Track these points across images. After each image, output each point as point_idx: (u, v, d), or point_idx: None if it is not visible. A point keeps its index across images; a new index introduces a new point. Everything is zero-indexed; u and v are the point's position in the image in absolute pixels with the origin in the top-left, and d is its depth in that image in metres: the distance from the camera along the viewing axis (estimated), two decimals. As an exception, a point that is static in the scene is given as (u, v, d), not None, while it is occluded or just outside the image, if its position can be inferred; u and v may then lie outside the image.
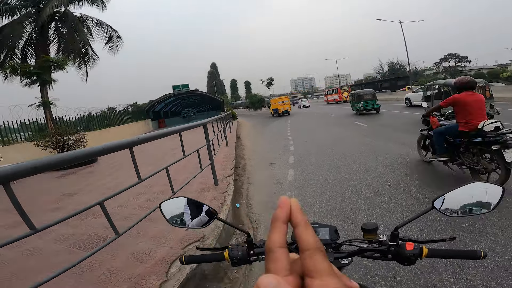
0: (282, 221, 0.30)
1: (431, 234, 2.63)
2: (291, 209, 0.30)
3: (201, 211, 0.76)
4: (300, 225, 0.29)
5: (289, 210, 0.30)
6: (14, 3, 14.33)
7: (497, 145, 3.26)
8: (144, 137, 2.35)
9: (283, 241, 0.29)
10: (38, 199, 4.79)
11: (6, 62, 14.35)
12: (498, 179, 3.38)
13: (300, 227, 0.29)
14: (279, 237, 0.29)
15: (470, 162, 3.74)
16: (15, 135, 12.68)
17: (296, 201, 0.32)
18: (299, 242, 0.28)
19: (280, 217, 0.30)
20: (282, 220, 0.30)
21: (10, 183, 1.19)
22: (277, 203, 0.31)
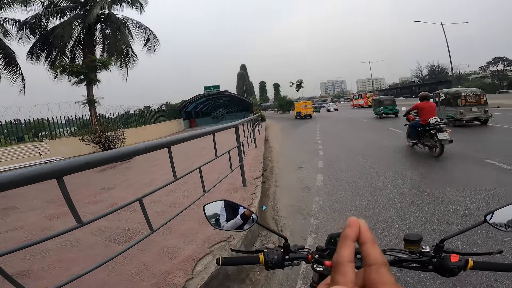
0: (352, 239, 0.33)
1: (469, 247, 2.48)
2: (360, 229, 0.34)
3: (238, 214, 0.78)
4: (368, 243, 0.33)
5: (358, 229, 0.34)
6: (64, 4, 15.65)
7: (434, 130, 5.80)
8: (182, 137, 2.45)
9: (352, 256, 0.32)
10: (79, 192, 5.17)
11: (57, 61, 15.74)
12: (438, 151, 5.81)
13: (368, 244, 0.33)
14: (349, 253, 0.32)
15: (426, 142, 6.26)
16: (62, 129, 13.88)
17: (364, 221, 0.35)
18: (366, 258, 0.32)
19: (350, 236, 0.33)
20: (351, 238, 0.33)
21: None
22: (346, 222, 0.35)
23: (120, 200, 4.38)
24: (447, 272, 0.67)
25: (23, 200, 4.99)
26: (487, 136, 8.14)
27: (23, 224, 3.70)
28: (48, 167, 1.17)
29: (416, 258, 0.71)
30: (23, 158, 7.99)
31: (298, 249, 0.80)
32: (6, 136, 12.11)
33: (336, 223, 3.32)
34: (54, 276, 2.28)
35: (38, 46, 15.49)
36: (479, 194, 3.69)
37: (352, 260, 0.32)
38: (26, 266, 2.48)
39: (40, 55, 15.78)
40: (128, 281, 2.10)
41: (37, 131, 14.53)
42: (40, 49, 15.65)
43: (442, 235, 2.74)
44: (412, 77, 65.21)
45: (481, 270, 0.66)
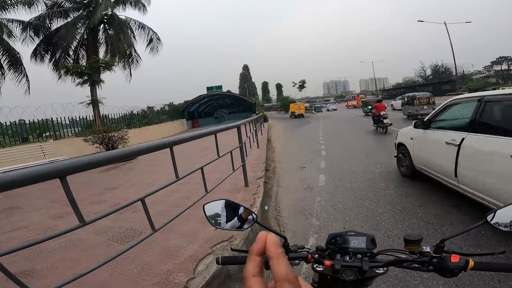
0: (255, 253, 0.34)
1: (473, 248, 2.47)
2: (266, 243, 0.34)
3: (238, 214, 0.78)
4: (273, 258, 0.32)
5: (263, 244, 0.34)
6: (67, 5, 15.76)
7: (382, 118, 11.00)
8: (184, 137, 2.46)
9: (257, 271, 0.33)
10: (82, 192, 5.21)
11: (61, 62, 15.86)
12: (385, 130, 10.90)
13: (273, 260, 0.32)
14: (253, 267, 0.33)
15: (379, 125, 11.25)
16: (65, 130, 13.98)
17: (272, 236, 0.35)
18: (273, 273, 0.32)
19: (253, 250, 0.34)
20: (255, 253, 0.34)
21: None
22: (257, 237, 0.35)
23: (123, 200, 4.41)
24: (447, 272, 0.67)
25: (27, 199, 5.03)
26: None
27: (27, 223, 3.73)
28: (52, 166, 1.18)
29: (417, 258, 0.70)
30: (27, 158, 8.07)
31: (298, 249, 0.80)
32: (10, 136, 12.22)
33: (338, 223, 3.31)
34: (57, 276, 2.29)
35: (42, 47, 15.61)
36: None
37: (257, 274, 0.32)
38: (29, 266, 2.50)
39: (44, 56, 15.90)
40: (130, 281, 2.11)
41: (41, 132, 14.64)
42: (44, 50, 15.77)
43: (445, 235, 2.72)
44: (415, 77, 64.85)
45: (482, 270, 0.66)
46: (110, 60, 15.35)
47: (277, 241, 0.34)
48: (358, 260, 0.73)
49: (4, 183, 1.05)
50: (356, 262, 0.73)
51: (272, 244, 0.34)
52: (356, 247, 0.76)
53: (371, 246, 0.75)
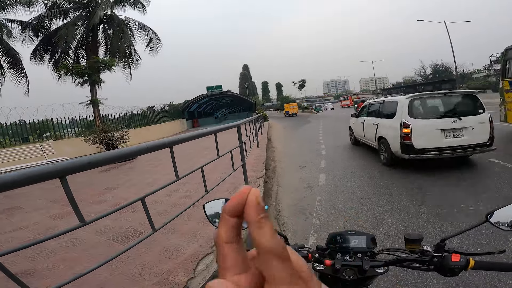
0: (230, 214, 0.25)
1: (473, 247, 2.48)
2: (246, 202, 0.25)
3: None
4: (252, 222, 0.24)
5: (242, 201, 0.25)
6: (67, 5, 15.74)
7: None
8: (184, 137, 2.46)
9: (230, 235, 0.25)
10: (83, 192, 5.21)
11: (61, 62, 15.85)
12: None
13: (253, 225, 0.24)
14: (225, 232, 0.25)
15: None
16: (66, 130, 13.99)
17: (256, 192, 0.25)
18: (253, 241, 0.24)
19: (227, 209, 0.25)
20: (229, 213, 0.25)
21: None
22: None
23: (123, 200, 4.41)
24: (448, 272, 0.67)
25: (27, 200, 5.04)
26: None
27: (28, 223, 3.74)
28: (51, 166, 1.18)
29: (417, 257, 0.70)
30: (28, 158, 8.07)
31: (298, 248, 0.80)
32: (11, 137, 12.22)
33: (338, 223, 3.31)
34: (58, 275, 2.30)
35: (41, 47, 15.60)
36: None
37: (232, 239, 0.25)
38: (30, 265, 2.51)
39: (44, 56, 15.89)
40: (130, 280, 2.11)
41: (41, 132, 14.64)
42: (44, 50, 15.76)
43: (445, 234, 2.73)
44: (415, 76, 64.75)
45: (483, 270, 0.66)
46: (110, 60, 15.34)
47: (260, 200, 0.25)
48: (359, 259, 0.73)
49: (4, 183, 1.05)
50: (356, 261, 0.73)
51: (253, 203, 0.24)
52: (357, 246, 0.76)
53: (371, 245, 0.75)
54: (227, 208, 0.25)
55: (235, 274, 0.24)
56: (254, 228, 0.23)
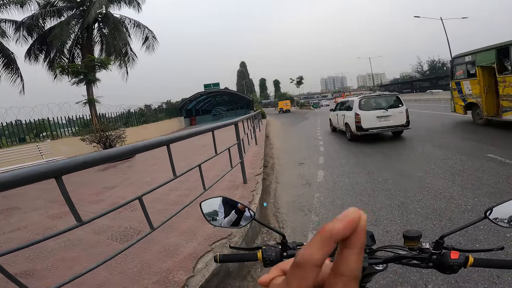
0: (335, 239, 0.23)
1: (472, 243, 2.48)
2: (357, 228, 0.24)
3: (235, 210, 0.78)
4: (355, 247, 0.23)
5: (353, 227, 0.23)
6: (60, 4, 15.57)
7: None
8: (181, 135, 2.45)
9: (323, 260, 0.23)
10: (81, 192, 5.19)
11: (56, 61, 15.71)
12: None
13: (355, 250, 0.23)
14: (323, 255, 0.23)
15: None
16: (63, 130, 13.90)
17: (365, 217, 0.25)
18: (341, 263, 0.23)
19: (336, 233, 0.23)
20: (335, 238, 0.23)
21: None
22: (343, 214, 0.25)
23: (121, 199, 4.40)
24: (447, 269, 0.67)
25: (25, 200, 5.02)
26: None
27: (26, 224, 3.72)
28: (46, 166, 1.17)
29: (416, 255, 0.70)
30: (24, 158, 8.02)
31: (296, 246, 0.80)
32: (7, 137, 12.14)
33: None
34: (57, 276, 2.29)
35: (36, 47, 15.45)
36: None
37: (321, 265, 0.23)
38: (30, 266, 2.50)
39: (39, 56, 15.75)
40: (129, 279, 2.11)
41: (38, 132, 14.55)
42: (38, 50, 15.62)
43: (444, 231, 2.74)
44: (412, 72, 64.86)
45: (482, 267, 0.66)
46: (105, 59, 15.22)
47: (365, 225, 0.24)
48: None
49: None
50: None
51: (363, 231, 0.24)
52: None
53: (370, 242, 0.74)
54: (336, 233, 0.23)
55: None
56: (354, 252, 0.23)
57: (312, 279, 0.23)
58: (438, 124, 10.17)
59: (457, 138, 7.10)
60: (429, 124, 10.36)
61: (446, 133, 8.35)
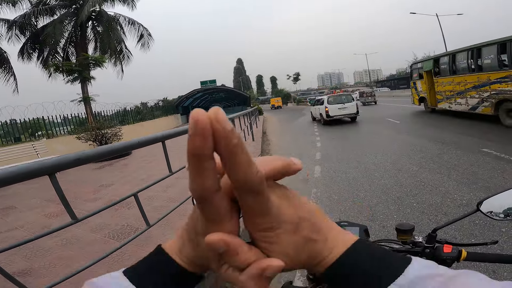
0: (206, 158, 0.19)
1: (467, 238, 2.50)
2: (214, 130, 0.18)
3: None
4: (224, 153, 0.19)
5: (210, 136, 0.18)
6: (53, 3, 15.36)
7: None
8: (176, 131, 2.44)
9: (216, 182, 0.20)
10: (77, 190, 5.16)
11: (50, 60, 15.53)
12: None
13: (225, 156, 0.19)
14: (211, 179, 0.19)
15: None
16: (58, 128, 13.80)
17: (219, 112, 0.19)
18: (229, 177, 0.20)
19: (201, 155, 0.18)
20: (205, 157, 0.19)
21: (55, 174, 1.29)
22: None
23: (117, 197, 4.36)
24: (440, 263, 0.65)
25: (21, 199, 4.98)
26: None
27: (23, 223, 3.70)
28: (39, 163, 1.16)
29: (409, 248, 0.70)
30: (20, 158, 7.95)
31: None
32: (2, 136, 12.02)
33: (334, 215, 3.34)
34: (55, 274, 2.28)
35: (29, 45, 15.23)
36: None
37: (218, 186, 0.20)
38: (27, 265, 2.49)
39: (32, 54, 15.54)
40: (127, 277, 2.11)
41: (33, 131, 14.41)
42: (32, 48, 15.39)
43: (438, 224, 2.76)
44: (409, 69, 65.14)
45: (475, 261, 0.65)
46: (100, 56, 15.07)
47: (228, 121, 0.18)
48: None
49: (-9, 181, 1.03)
50: None
51: (221, 127, 0.18)
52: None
53: (364, 236, 0.74)
54: (201, 151, 0.18)
55: (226, 222, 0.22)
56: (227, 158, 0.19)
57: (224, 204, 0.21)
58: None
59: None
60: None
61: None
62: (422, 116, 11.12)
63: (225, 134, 0.18)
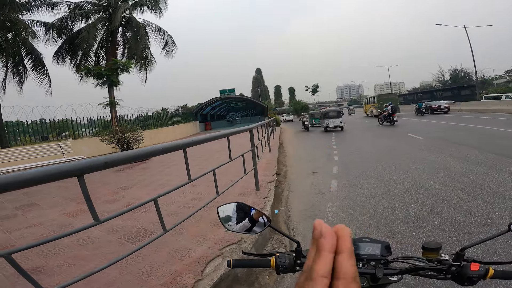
0: (329, 250, 0.29)
1: (489, 256, 2.40)
2: (339, 237, 0.30)
3: (250, 216, 0.78)
4: (344, 252, 0.29)
5: (335, 238, 0.30)
6: (88, 7, 16.32)
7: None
8: (198, 140, 2.49)
9: (328, 271, 0.28)
10: (98, 191, 5.34)
11: (82, 64, 16.41)
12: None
13: (344, 255, 0.29)
14: (324, 266, 0.28)
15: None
16: (84, 130, 14.44)
17: (348, 229, 0.31)
18: (337, 269, 0.28)
19: (326, 246, 0.29)
20: (328, 249, 0.29)
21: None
22: (316, 227, 0.32)
23: (136, 199, 4.49)
24: (465, 280, 0.65)
25: (44, 197, 5.20)
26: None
27: (43, 220, 3.84)
28: (70, 165, 1.22)
29: (434, 266, 0.69)
30: (46, 156, 8.36)
31: None
32: (31, 135, 12.73)
33: (350, 229, 3.24)
34: (68, 273, 2.34)
35: (64, 48, 16.19)
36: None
37: (327, 275, 0.28)
38: (41, 262, 2.56)
39: (66, 57, 16.48)
40: (138, 280, 2.14)
41: (60, 131, 15.17)
42: (66, 51, 16.34)
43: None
44: (433, 82, 63.15)
45: (502, 279, 0.64)
46: (127, 62, 15.76)
47: (349, 234, 0.31)
48: (372, 267, 0.72)
49: (25, 180, 1.09)
50: (369, 269, 0.72)
51: (347, 238, 0.30)
52: (370, 253, 0.75)
53: (385, 253, 0.74)
54: (326, 246, 0.29)
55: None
56: (345, 257, 0.28)
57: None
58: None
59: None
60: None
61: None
62: (451, 131, 10.68)
63: (348, 240, 0.31)
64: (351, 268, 0.28)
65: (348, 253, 0.29)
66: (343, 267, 0.28)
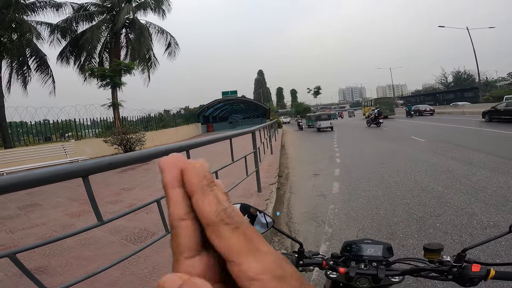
0: (172, 186, 0.21)
1: (491, 258, 2.40)
2: (182, 170, 0.21)
3: (256, 218, 0.79)
4: (196, 192, 0.20)
5: (178, 171, 0.21)
6: (92, 9, 16.45)
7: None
8: (200, 141, 2.51)
9: (184, 211, 0.20)
10: (100, 192, 5.36)
11: (86, 65, 16.53)
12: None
13: (196, 195, 0.20)
14: (176, 206, 0.20)
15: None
16: (87, 131, 14.52)
17: (200, 161, 0.22)
18: (198, 215, 0.20)
19: (169, 181, 0.21)
20: (171, 185, 0.21)
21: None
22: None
23: (138, 200, 4.51)
24: (467, 281, 0.66)
25: (47, 197, 5.23)
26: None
27: (46, 220, 3.86)
28: (75, 166, 1.23)
29: (435, 267, 0.70)
30: (50, 157, 8.42)
31: (312, 255, 0.80)
32: (35, 135, 12.82)
33: (351, 231, 3.25)
34: (70, 273, 2.35)
35: (68, 49, 16.30)
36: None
37: (185, 216, 0.20)
38: (44, 262, 2.58)
39: (70, 58, 16.58)
40: (140, 281, 2.15)
41: (64, 132, 15.26)
42: (70, 52, 16.44)
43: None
44: (436, 84, 62.95)
45: (503, 280, 0.65)
46: (130, 63, 15.84)
47: (202, 165, 0.22)
48: (374, 268, 0.73)
49: (30, 180, 1.11)
50: (371, 270, 0.73)
51: (191, 170, 0.21)
52: (372, 255, 0.76)
53: (387, 254, 0.74)
54: (169, 180, 0.21)
55: (189, 258, 0.20)
56: (198, 197, 0.20)
57: (188, 234, 0.20)
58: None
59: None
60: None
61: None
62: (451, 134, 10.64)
63: (193, 172, 0.21)
64: (207, 206, 0.19)
65: (200, 190, 0.20)
66: (200, 209, 0.20)
